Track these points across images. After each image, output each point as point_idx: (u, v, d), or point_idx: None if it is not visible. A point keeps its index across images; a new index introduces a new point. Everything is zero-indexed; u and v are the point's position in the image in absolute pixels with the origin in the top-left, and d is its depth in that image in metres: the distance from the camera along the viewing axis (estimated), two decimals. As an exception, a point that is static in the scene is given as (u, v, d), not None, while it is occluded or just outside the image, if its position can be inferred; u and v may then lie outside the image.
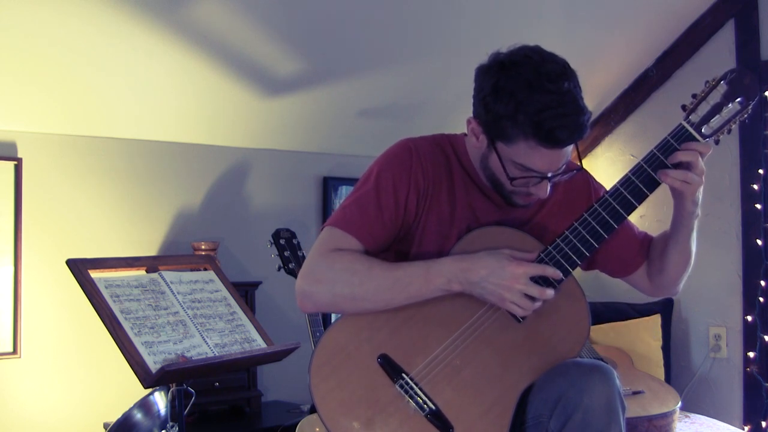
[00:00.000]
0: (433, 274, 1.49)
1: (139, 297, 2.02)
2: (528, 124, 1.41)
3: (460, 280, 1.49)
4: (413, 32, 2.93)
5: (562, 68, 1.44)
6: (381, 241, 1.57)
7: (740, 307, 3.22)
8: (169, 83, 2.79)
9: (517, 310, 1.48)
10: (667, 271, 1.66)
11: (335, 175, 3.48)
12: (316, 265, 1.54)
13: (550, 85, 1.41)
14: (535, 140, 1.43)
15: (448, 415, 1.49)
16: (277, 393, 3.25)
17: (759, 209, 3.18)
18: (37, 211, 2.78)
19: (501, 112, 1.44)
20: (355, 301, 1.52)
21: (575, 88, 1.44)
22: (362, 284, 1.50)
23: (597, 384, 1.43)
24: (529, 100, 1.41)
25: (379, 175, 1.58)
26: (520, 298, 1.46)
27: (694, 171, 1.47)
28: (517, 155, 1.47)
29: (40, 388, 2.75)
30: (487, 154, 1.53)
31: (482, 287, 1.48)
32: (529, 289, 1.46)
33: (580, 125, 1.42)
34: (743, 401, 3.20)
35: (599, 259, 1.71)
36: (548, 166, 1.48)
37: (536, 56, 1.45)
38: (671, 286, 1.70)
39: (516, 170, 1.49)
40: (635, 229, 1.72)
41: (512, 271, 1.46)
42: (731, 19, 3.28)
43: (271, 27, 2.69)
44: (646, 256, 1.72)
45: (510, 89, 1.43)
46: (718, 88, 1.49)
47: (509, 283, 1.46)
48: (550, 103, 1.40)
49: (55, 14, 2.35)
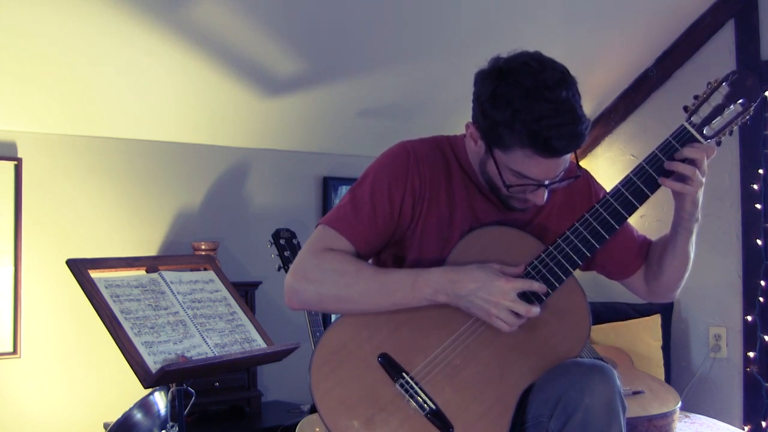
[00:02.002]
0: (421, 283, 1.50)
1: (139, 297, 2.01)
2: (524, 133, 1.41)
3: (447, 292, 1.49)
4: (413, 32, 2.93)
5: (561, 76, 1.43)
6: (373, 244, 1.58)
7: (740, 307, 3.23)
8: (169, 83, 2.79)
9: (502, 326, 1.48)
10: (665, 275, 1.66)
11: (335, 175, 3.48)
12: (305, 263, 1.55)
13: (548, 94, 1.40)
14: (531, 149, 1.42)
15: (448, 414, 1.49)
16: (277, 393, 3.25)
17: (759, 209, 3.18)
18: (37, 211, 2.77)
19: (498, 120, 1.44)
20: (341, 303, 1.54)
21: (574, 96, 1.43)
22: (349, 286, 1.51)
23: (597, 384, 1.43)
24: (526, 108, 1.40)
25: (375, 177, 1.58)
26: (507, 314, 1.46)
27: (700, 169, 1.47)
28: (514, 163, 1.47)
29: (40, 388, 2.75)
30: (485, 159, 1.53)
31: (469, 301, 1.48)
32: (515, 306, 1.46)
33: (578, 134, 1.41)
34: (743, 401, 3.20)
35: (597, 261, 1.71)
36: (545, 175, 1.48)
37: (535, 64, 1.44)
38: (668, 291, 1.69)
39: (512, 177, 1.49)
40: (635, 232, 1.72)
41: (501, 287, 1.46)
42: (731, 19, 3.28)
43: (271, 27, 2.69)
44: (645, 260, 1.71)
45: (508, 97, 1.42)
46: (720, 90, 1.49)
47: (497, 299, 1.46)
48: (547, 113, 1.39)
49: (55, 14, 2.35)
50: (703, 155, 1.47)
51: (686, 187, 1.49)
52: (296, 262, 1.57)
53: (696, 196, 1.52)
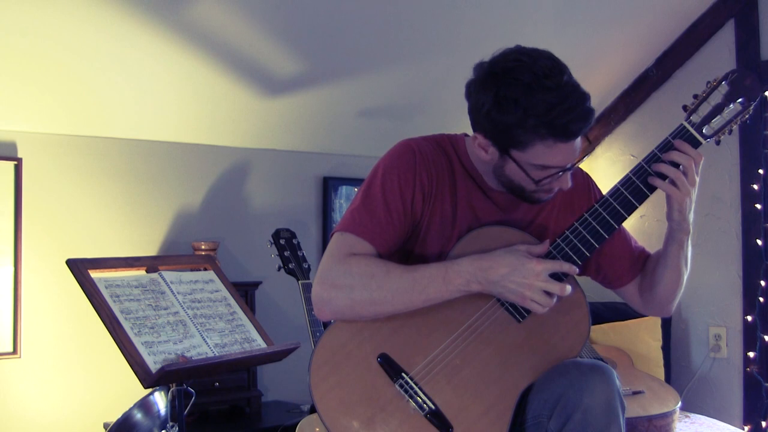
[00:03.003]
0: (452, 274, 1.48)
1: (139, 297, 2.01)
2: (541, 125, 1.42)
3: (479, 280, 1.48)
4: (413, 32, 2.93)
5: (553, 62, 1.45)
6: (392, 243, 1.57)
7: (740, 307, 3.23)
8: (169, 83, 2.79)
9: (537, 308, 1.47)
10: (657, 287, 1.65)
11: (335, 175, 3.48)
12: (332, 271, 1.52)
13: (549, 82, 1.41)
14: (552, 139, 1.43)
15: (448, 414, 1.49)
16: (277, 393, 3.25)
17: (759, 209, 3.18)
18: (37, 211, 2.77)
19: (510, 122, 1.44)
20: (375, 306, 1.50)
21: (570, 76, 1.45)
22: (380, 288, 1.48)
23: (597, 384, 1.43)
24: (534, 103, 1.41)
25: (385, 177, 1.57)
26: (541, 295, 1.46)
27: (687, 175, 1.48)
28: (535, 157, 1.47)
29: (40, 388, 2.75)
30: (502, 164, 1.53)
31: (503, 286, 1.47)
32: (549, 285, 1.46)
33: (589, 111, 1.44)
34: (743, 401, 3.20)
35: (593, 266, 1.70)
36: (568, 159, 1.49)
37: (526, 57, 1.45)
38: (661, 305, 1.69)
39: (537, 171, 1.49)
40: (633, 242, 1.72)
41: (533, 268, 1.45)
42: (731, 19, 3.28)
43: (271, 27, 2.69)
44: (640, 270, 1.71)
45: (513, 97, 1.43)
46: (720, 89, 1.49)
47: (530, 281, 1.45)
48: (556, 100, 1.40)
49: (55, 14, 2.35)
50: (689, 161, 1.48)
51: (671, 189, 1.49)
52: (321, 272, 1.54)
53: (683, 205, 1.51)
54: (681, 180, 1.48)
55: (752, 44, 3.21)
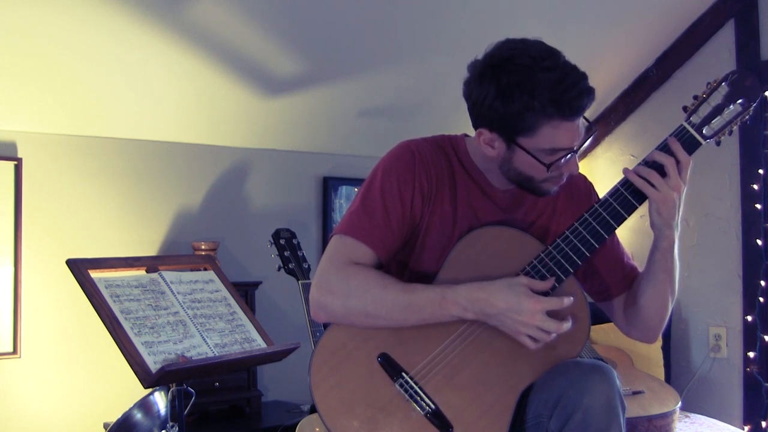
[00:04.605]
0: (449, 301, 1.48)
1: (139, 297, 2.01)
2: (547, 105, 1.43)
3: (475, 311, 1.48)
4: (413, 32, 2.93)
5: (546, 46, 1.48)
6: (391, 246, 1.57)
7: (740, 307, 3.23)
8: (169, 83, 2.79)
9: (530, 344, 1.47)
10: (641, 308, 1.62)
11: (335, 175, 3.48)
12: (330, 277, 1.53)
13: (548, 62, 1.43)
14: (558, 117, 1.44)
15: (448, 414, 1.49)
16: (277, 393, 3.25)
17: (759, 209, 3.18)
18: (37, 211, 2.77)
19: (517, 108, 1.45)
20: (369, 318, 1.51)
21: (566, 58, 1.47)
22: (375, 303, 1.49)
23: (597, 384, 1.43)
24: (537, 84, 1.42)
25: (384, 178, 1.57)
26: (536, 332, 1.46)
27: (669, 179, 1.47)
28: (543, 141, 1.47)
29: (40, 388, 2.75)
30: (509, 157, 1.53)
31: (498, 320, 1.48)
32: (545, 324, 1.45)
33: (590, 88, 1.45)
34: (743, 401, 3.20)
35: (580, 276, 1.67)
36: (574, 138, 1.49)
37: (520, 44, 1.48)
38: (646, 328, 1.66)
39: (547, 156, 1.49)
40: (625, 258, 1.70)
41: (530, 308, 1.45)
42: (731, 19, 3.28)
43: (271, 27, 2.69)
44: (628, 287, 1.69)
45: (515, 83, 1.44)
46: (720, 90, 1.49)
47: (526, 320, 1.45)
48: (557, 78, 1.42)
49: (55, 14, 2.35)
50: (669, 160, 1.47)
51: (647, 187, 1.48)
52: (319, 275, 1.55)
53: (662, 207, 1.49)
54: (657, 179, 1.47)
55: (752, 44, 3.21)
